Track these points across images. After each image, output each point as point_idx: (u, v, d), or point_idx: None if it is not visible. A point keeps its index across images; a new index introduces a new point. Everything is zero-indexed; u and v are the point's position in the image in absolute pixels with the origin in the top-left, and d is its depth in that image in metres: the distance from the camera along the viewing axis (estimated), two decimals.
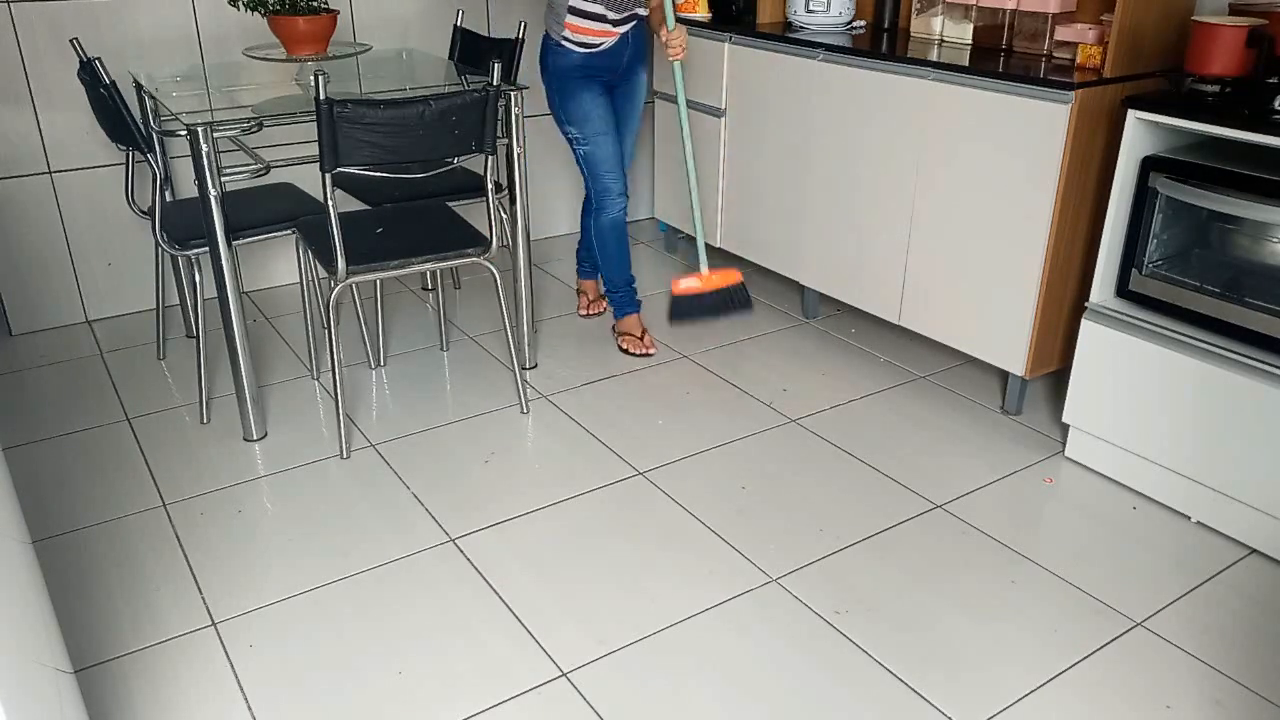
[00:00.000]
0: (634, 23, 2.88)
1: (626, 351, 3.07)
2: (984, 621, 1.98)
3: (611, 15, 2.79)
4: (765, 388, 2.88)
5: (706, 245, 2.99)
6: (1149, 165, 2.23)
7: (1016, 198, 2.50)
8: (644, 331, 3.12)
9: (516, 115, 2.71)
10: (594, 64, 2.87)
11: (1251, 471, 2.12)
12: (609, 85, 2.94)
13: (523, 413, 2.75)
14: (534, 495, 2.38)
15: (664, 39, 2.85)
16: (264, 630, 1.96)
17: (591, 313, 3.37)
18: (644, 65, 3.02)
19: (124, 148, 2.77)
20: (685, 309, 2.94)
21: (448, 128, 2.38)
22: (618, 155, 2.95)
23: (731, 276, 2.93)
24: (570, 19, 2.78)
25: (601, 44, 2.85)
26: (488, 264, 2.58)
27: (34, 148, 3.09)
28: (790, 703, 1.79)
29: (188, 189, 2.86)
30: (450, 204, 2.88)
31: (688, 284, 2.91)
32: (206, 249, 2.45)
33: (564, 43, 2.83)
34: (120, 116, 2.47)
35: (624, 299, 3.12)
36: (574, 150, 2.95)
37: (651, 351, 3.07)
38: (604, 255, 3.07)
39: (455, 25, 3.24)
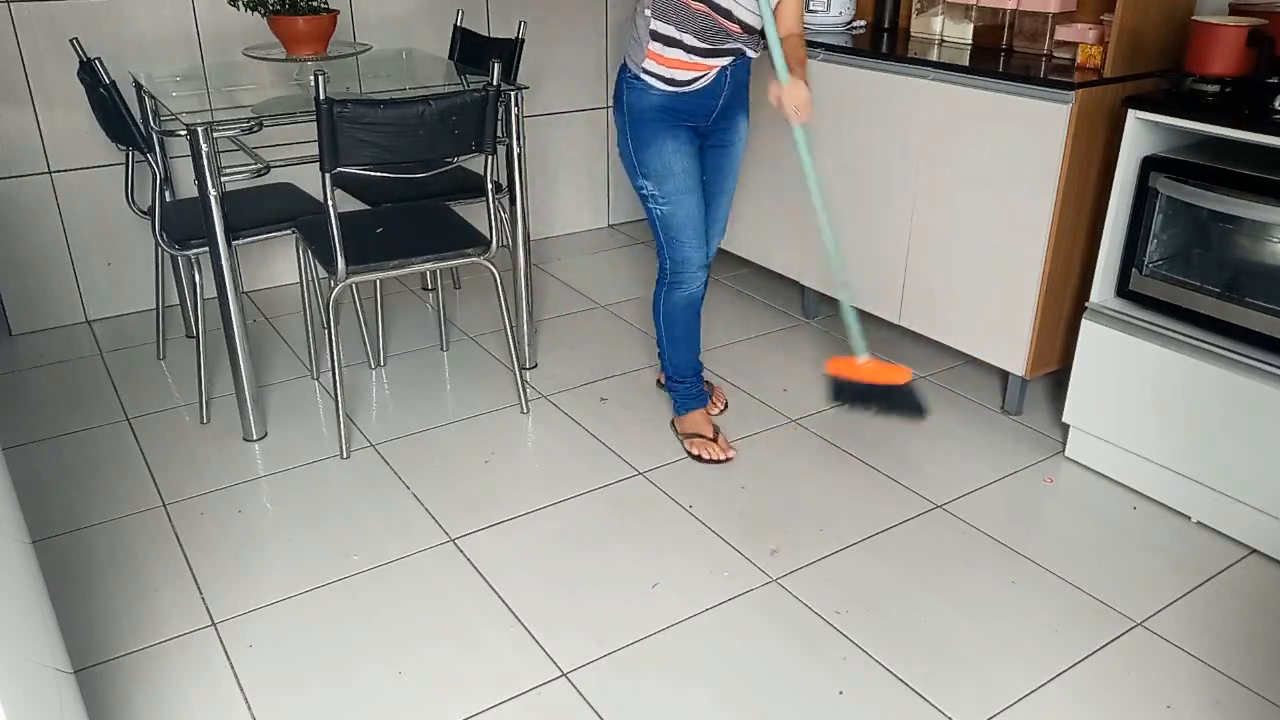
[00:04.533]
0: (735, 58, 2.28)
1: (698, 458, 2.50)
2: (984, 621, 1.98)
3: (694, 43, 2.22)
4: (765, 388, 2.88)
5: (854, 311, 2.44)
6: (1149, 165, 2.23)
7: (1016, 198, 2.50)
8: (717, 431, 2.57)
9: (516, 115, 2.72)
10: (681, 106, 2.30)
11: (1251, 471, 2.11)
12: (699, 133, 2.37)
13: (523, 413, 2.75)
14: (534, 495, 2.38)
15: (773, 96, 2.23)
16: (264, 630, 1.96)
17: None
18: (745, 112, 2.43)
19: (124, 148, 2.77)
20: (849, 394, 2.53)
21: (448, 128, 2.37)
22: (702, 218, 2.40)
23: (897, 374, 2.45)
24: (653, 46, 2.24)
25: (692, 81, 2.27)
26: (488, 264, 2.58)
27: (34, 148, 3.09)
28: (790, 703, 1.79)
29: (188, 189, 2.86)
30: (450, 204, 2.88)
31: (841, 367, 2.48)
32: (206, 249, 2.45)
33: (644, 75, 2.28)
34: (120, 116, 2.47)
35: (688, 391, 2.57)
36: (647, 209, 2.41)
37: (731, 455, 2.51)
38: (671, 338, 2.53)
39: (455, 25, 3.24)
